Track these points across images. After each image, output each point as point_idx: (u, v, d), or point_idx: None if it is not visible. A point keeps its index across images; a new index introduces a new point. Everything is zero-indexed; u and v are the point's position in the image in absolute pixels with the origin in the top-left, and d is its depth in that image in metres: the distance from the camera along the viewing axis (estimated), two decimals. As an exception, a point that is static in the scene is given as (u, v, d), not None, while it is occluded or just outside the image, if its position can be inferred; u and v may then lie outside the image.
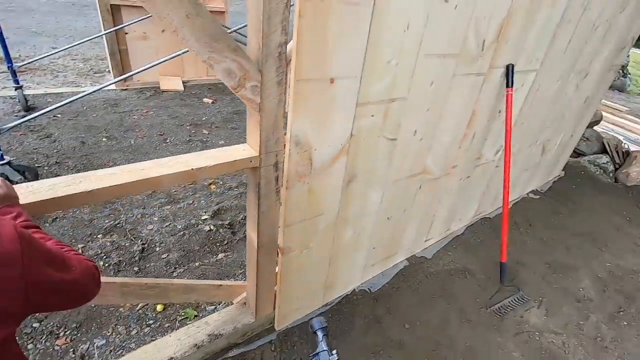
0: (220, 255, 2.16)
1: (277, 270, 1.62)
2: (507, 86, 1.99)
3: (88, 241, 2.09)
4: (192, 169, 1.12)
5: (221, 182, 2.82)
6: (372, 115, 1.46)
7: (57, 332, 1.61)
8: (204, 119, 3.86)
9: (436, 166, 2.03)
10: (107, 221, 2.26)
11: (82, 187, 0.94)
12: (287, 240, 1.52)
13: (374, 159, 1.62)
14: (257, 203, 1.37)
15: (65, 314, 1.68)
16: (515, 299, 2.22)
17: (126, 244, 2.10)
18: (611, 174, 4.05)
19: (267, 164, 1.30)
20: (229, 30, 3.08)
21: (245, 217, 2.50)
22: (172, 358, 1.51)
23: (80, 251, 2.00)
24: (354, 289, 2.11)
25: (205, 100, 4.33)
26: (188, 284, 1.52)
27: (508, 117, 2.09)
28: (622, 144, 4.34)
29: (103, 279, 1.27)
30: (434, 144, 1.88)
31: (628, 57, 12.42)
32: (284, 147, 1.30)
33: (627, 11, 2.70)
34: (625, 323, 2.23)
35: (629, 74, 12.80)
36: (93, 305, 1.74)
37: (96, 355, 1.53)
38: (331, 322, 1.88)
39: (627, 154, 4.20)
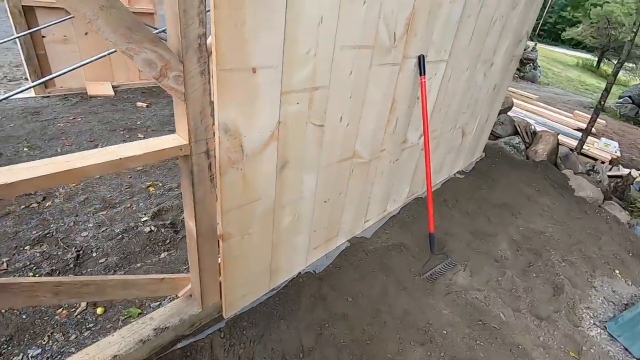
0: (163, 255, 2.15)
1: (219, 258, 1.67)
2: (421, 74, 2.22)
3: (14, 254, 1.97)
4: (119, 159, 1.15)
5: (160, 184, 2.78)
6: (298, 103, 1.58)
7: (-16, 349, 1.51)
8: (138, 123, 3.73)
9: (365, 150, 2.20)
10: (34, 232, 2.13)
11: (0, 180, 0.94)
12: (227, 226, 1.58)
13: (304, 145, 1.73)
14: (191, 191, 1.42)
15: (-8, 329, 1.58)
16: (445, 265, 2.48)
17: (58, 253, 2.01)
18: (523, 152, 4.60)
19: (198, 152, 1.36)
20: (155, 31, 3.03)
21: (188, 215, 2.50)
22: (116, 356, 1.50)
23: (4, 265, 1.88)
24: (300, 272, 2.21)
25: (139, 104, 4.18)
26: (127, 279, 1.52)
27: (424, 103, 2.33)
28: (530, 126, 4.94)
29: (33, 279, 1.24)
30: (361, 129, 2.05)
31: (537, 51, 13.99)
32: (214, 135, 1.37)
33: (519, 8, 3.12)
34: (534, 275, 2.59)
35: (539, 66, 14.42)
36: (24, 316, 1.65)
37: (31, 364, 1.47)
38: (278, 304, 1.97)
39: (534, 134, 4.80)
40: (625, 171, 5.21)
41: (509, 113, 5.33)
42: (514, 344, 2.04)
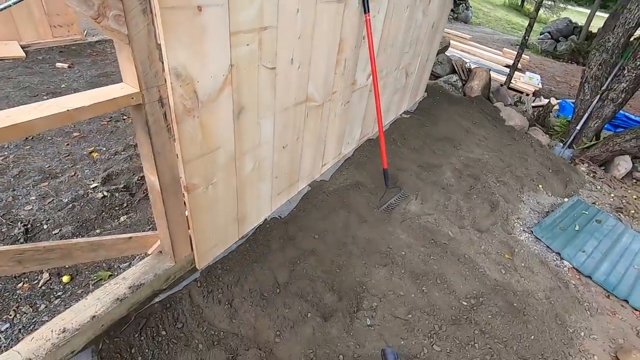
0: (123, 218, 2.08)
1: (186, 210, 1.67)
2: (365, 12, 2.23)
3: (-51, 237, 1.79)
4: (67, 110, 1.08)
5: (104, 149, 2.59)
6: (248, 44, 1.54)
7: (-57, 332, 1.43)
8: (62, 86, 3.35)
9: (318, 93, 2.23)
10: (-33, 212, 1.94)
11: None
12: (190, 177, 1.56)
13: (258, 89, 1.71)
14: (149, 143, 1.37)
15: (-54, 313, 1.48)
16: (399, 196, 2.69)
17: (3, 230, 1.87)
18: (460, 89, 4.90)
19: (151, 100, 1.30)
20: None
21: (142, 177, 2.40)
22: (94, 316, 1.50)
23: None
24: (266, 219, 2.28)
25: (59, 65, 3.71)
26: (94, 241, 1.48)
27: (370, 41, 2.37)
28: (466, 64, 5.22)
29: (-11, 249, 1.17)
30: (312, 71, 2.05)
31: (468, -9, 14.29)
32: (165, 82, 1.31)
33: (452, -58, 3.15)
34: (475, 196, 2.91)
35: (471, 7, 14.84)
36: (-19, 296, 1.56)
37: (2, 338, 1.42)
38: (250, 250, 2.05)
39: (469, 71, 5.09)
40: (545, 101, 5.79)
41: (446, 53, 5.55)
42: (461, 254, 2.34)
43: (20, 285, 1.63)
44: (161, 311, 1.67)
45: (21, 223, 1.91)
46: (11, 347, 1.33)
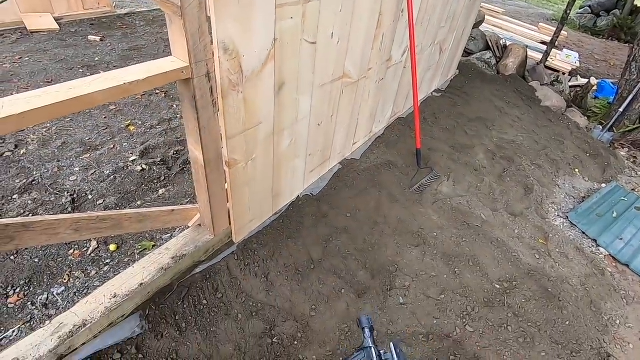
0: (161, 191, 2.14)
1: (226, 185, 1.69)
2: (407, -17, 2.12)
3: (3, 204, 1.89)
4: (124, 84, 1.09)
5: (140, 122, 2.64)
6: (292, 18, 1.50)
7: (6, 292, 1.53)
8: (96, 59, 3.39)
9: (354, 69, 2.17)
10: (18, 181, 2.02)
11: (9, 111, 0.87)
12: (232, 152, 1.58)
13: (299, 64, 1.68)
14: (196, 117, 1.38)
15: (6, 275, 1.58)
16: (430, 177, 2.65)
17: (51, 199, 1.95)
18: (494, 67, 4.70)
19: (199, 74, 1.30)
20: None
21: (177, 152, 2.44)
22: (142, 283, 1.57)
23: (-3, 215, 1.81)
24: (299, 196, 2.30)
25: (92, 37, 3.75)
26: (141, 213, 1.53)
27: (410, 15, 2.27)
28: (501, 40, 4.97)
29: (54, 217, 1.23)
30: (350, 46, 2.00)
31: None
32: (213, 56, 1.30)
33: None
34: (509, 179, 2.84)
35: (504, -22, 13.94)
36: (37, 260, 1.66)
37: (59, 300, 1.51)
38: (284, 226, 2.08)
39: (505, 47, 4.85)
40: (584, 81, 5.49)
41: (479, 28, 5.29)
42: (494, 238, 2.31)
43: (71, 252, 1.72)
44: (202, 281, 1.73)
45: (68, 193, 1.99)
46: (68, 309, 1.42)
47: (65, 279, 1.61)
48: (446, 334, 1.72)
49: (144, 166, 2.23)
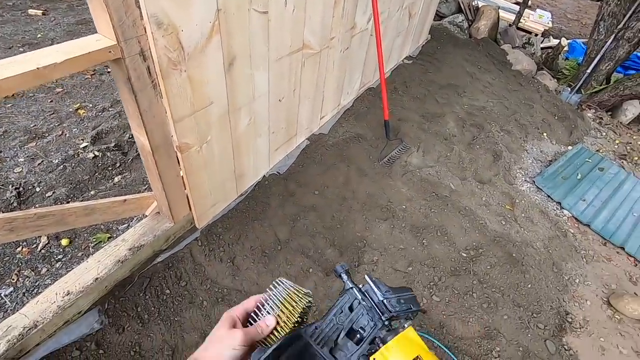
0: (117, 178, 2.03)
1: (181, 170, 1.61)
2: (366, -58, 1.98)
3: (-60, 202, 1.75)
4: (38, 68, 0.96)
5: (90, 105, 2.46)
6: (235, -16, 1.37)
7: (-52, 297, 1.44)
8: (39, 36, 3.10)
9: (315, 39, 2.05)
10: (-45, 176, 1.87)
11: None
12: (182, 136, 1.48)
13: (250, 37, 1.56)
14: (134, 100, 1.27)
15: (-51, 279, 1.49)
16: (400, 148, 2.61)
17: (-6, 193, 1.82)
18: (466, 31, 4.60)
19: (131, 54, 1.17)
20: None
21: (133, 136, 2.30)
22: (97, 278, 1.50)
23: None
24: (264, 175, 2.23)
25: (32, 11, 3.41)
26: (87, 206, 1.43)
27: (372, -22, 2.13)
28: (473, 1, 4.84)
29: (-23, 219, 1.13)
30: (308, 15, 1.87)
31: None
32: (145, 31, 1.17)
33: None
34: (478, 147, 2.84)
35: None
36: (-19, 261, 1.56)
37: (7, 302, 1.44)
38: (249, 207, 2.02)
39: (477, 9, 4.74)
40: (555, 42, 5.48)
41: (451, -11, 5.11)
42: (462, 207, 2.33)
43: (19, 249, 1.62)
44: (164, 270, 1.68)
45: (12, 186, 1.85)
46: (17, 310, 1.35)
47: (13, 279, 1.52)
48: (413, 305, 1.75)
49: (97, 153, 2.09)
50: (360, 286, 0.56)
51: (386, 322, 0.51)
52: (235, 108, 1.71)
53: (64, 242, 1.68)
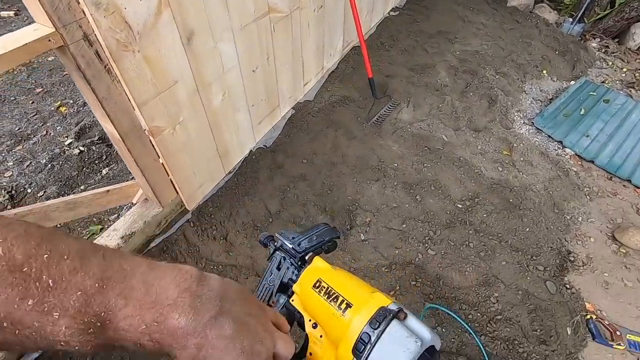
0: (105, 171, 2.04)
1: (159, 154, 1.60)
2: None
3: (-61, 214, 1.81)
4: (-28, 67, 0.94)
5: (71, 101, 2.45)
6: (176, -50, 1.28)
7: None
8: (13, 37, 3.06)
9: (282, 0, 1.95)
10: (-50, 187, 1.92)
11: None
12: (151, 120, 1.46)
13: (205, 6, 1.48)
14: (90, 89, 1.24)
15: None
16: (389, 106, 2.53)
17: (-11, 199, 1.86)
18: (455, -29, 4.29)
19: (74, 40, 1.13)
20: None
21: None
22: (94, 268, 1.54)
23: None
24: (251, 150, 2.20)
25: (4, 13, 3.35)
26: (69, 200, 1.45)
27: None
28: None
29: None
30: (267, -27, 1.76)
31: None
32: (84, 14, 1.13)
33: None
34: (471, 94, 2.72)
35: None
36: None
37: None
38: (238, 184, 2.02)
39: (465, -54, 4.38)
40: (556, -31, 5.06)
41: None
42: (456, 158, 2.26)
43: (18, 249, 1.68)
44: (159, 254, 1.71)
45: (5, 190, 1.89)
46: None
47: (16, 278, 1.58)
48: (408, 261, 1.75)
49: (82, 148, 2.10)
50: (277, 244, 0.59)
51: (298, 263, 0.54)
52: (205, 84, 1.66)
53: (60, 238, 1.72)
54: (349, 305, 0.45)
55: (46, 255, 0.27)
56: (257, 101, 2.10)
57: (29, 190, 1.91)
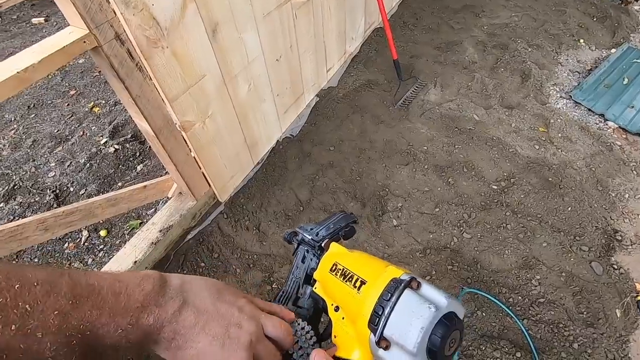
0: (140, 167, 2.11)
1: (190, 148, 1.63)
2: None
3: (-7, 214, 1.93)
4: (17, 73, 0.98)
5: (103, 102, 2.53)
6: (198, -59, 1.27)
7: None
8: (45, 43, 3.18)
9: (302, -14, 1.91)
10: (0, 189, 2.04)
11: None
12: (182, 114, 1.48)
13: (228, -3, 1.48)
14: (124, 88, 1.27)
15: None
16: (415, 87, 2.46)
17: (36, 199, 1.97)
18: (479, -60, 4.06)
19: (107, 40, 1.16)
20: None
21: (146, 123, 2.35)
22: (136, 261, 1.61)
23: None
24: (278, 140, 2.21)
25: (35, 20, 3.49)
26: (110, 197, 1.51)
27: None
28: None
29: (15, 223, 1.23)
30: (287, -42, 1.73)
31: None
32: (115, 14, 1.14)
33: None
34: (502, 70, 2.60)
35: None
36: (37, 260, 1.73)
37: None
38: (267, 174, 2.03)
39: None
40: None
41: None
42: (489, 137, 2.18)
43: (66, 245, 1.78)
44: (196, 246, 1.77)
45: (50, 190, 2.00)
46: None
47: (67, 272, 1.68)
48: (443, 245, 1.72)
49: (116, 146, 2.18)
50: (299, 239, 0.59)
51: (318, 252, 0.55)
52: (231, 76, 1.67)
53: (103, 233, 1.81)
54: (363, 283, 0.45)
55: (17, 286, 0.30)
56: (282, 90, 2.10)
57: (71, 189, 2.00)
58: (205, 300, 0.40)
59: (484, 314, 1.49)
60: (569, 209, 1.82)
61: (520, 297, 1.54)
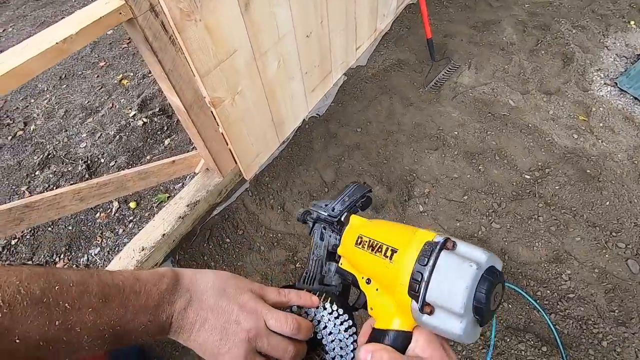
0: (167, 142, 2.13)
1: (219, 125, 1.62)
2: None
3: (29, 182, 2.00)
4: (57, 44, 0.98)
5: (132, 74, 2.54)
6: None
7: (53, 260, 1.70)
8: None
9: (336, -43, 1.82)
10: (35, 158, 2.11)
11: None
12: (213, 90, 1.46)
13: (261, -32, 1.42)
14: (157, 62, 1.26)
15: (49, 244, 1.75)
16: (448, 69, 2.35)
17: (69, 169, 2.03)
18: None
19: (142, 11, 1.14)
20: None
21: (173, 97, 2.36)
22: (164, 234, 1.65)
23: (27, 194, 1.93)
24: (304, 119, 2.18)
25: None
26: (141, 170, 1.53)
27: None
28: None
29: (54, 192, 1.27)
30: None
31: None
32: (150, -16, 1.12)
33: None
34: (543, 52, 2.45)
35: None
36: (70, 228, 1.79)
37: (97, 259, 1.66)
38: (293, 153, 2.02)
39: None
40: None
41: None
42: (524, 124, 2.08)
43: (98, 215, 1.83)
44: (222, 222, 1.79)
45: (82, 160, 2.05)
46: (105, 266, 1.56)
47: (98, 240, 1.74)
48: (470, 234, 1.68)
49: (145, 119, 2.20)
50: (314, 217, 0.58)
51: (338, 227, 0.54)
52: (261, 52, 1.63)
53: (132, 205, 1.85)
54: (394, 251, 0.43)
55: (57, 287, 0.34)
56: (311, 68, 2.04)
57: (102, 161, 2.05)
58: (208, 298, 0.44)
59: (510, 306, 1.47)
60: (607, 203, 1.74)
61: (548, 291, 1.50)
